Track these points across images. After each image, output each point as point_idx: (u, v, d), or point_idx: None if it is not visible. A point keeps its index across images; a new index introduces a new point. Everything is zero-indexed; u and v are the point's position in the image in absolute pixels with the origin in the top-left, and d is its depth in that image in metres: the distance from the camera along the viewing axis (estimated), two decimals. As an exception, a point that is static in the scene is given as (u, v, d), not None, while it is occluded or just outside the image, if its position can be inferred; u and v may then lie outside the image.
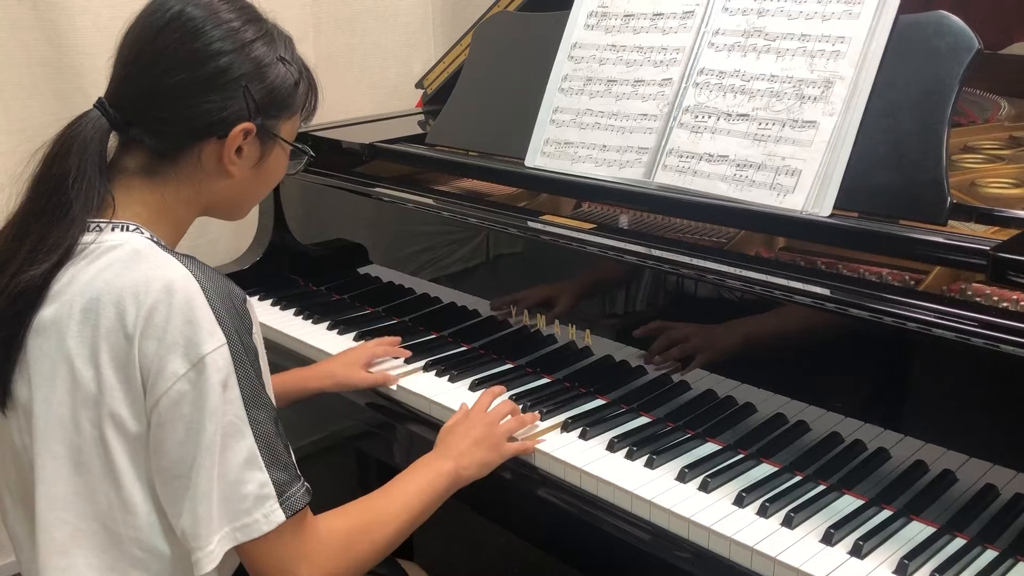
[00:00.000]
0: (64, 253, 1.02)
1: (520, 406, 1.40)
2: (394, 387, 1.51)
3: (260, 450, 1.01)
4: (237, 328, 1.02)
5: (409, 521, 1.16)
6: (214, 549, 1.00)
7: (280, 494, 1.02)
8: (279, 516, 1.01)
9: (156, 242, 1.06)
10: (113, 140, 1.10)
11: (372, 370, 1.55)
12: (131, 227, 1.06)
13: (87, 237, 1.03)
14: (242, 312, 1.04)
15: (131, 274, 1.00)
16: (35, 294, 1.01)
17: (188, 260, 1.04)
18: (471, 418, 1.33)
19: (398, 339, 1.63)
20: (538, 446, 1.30)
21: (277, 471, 1.02)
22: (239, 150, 1.10)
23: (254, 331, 1.06)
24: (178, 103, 1.06)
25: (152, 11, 1.08)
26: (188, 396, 0.98)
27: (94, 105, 1.08)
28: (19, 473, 1.08)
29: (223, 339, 1.00)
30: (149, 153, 1.08)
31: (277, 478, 1.02)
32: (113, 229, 1.05)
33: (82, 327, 1.00)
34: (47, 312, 1.02)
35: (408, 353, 1.59)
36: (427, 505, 1.19)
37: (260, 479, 1.01)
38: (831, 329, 1.20)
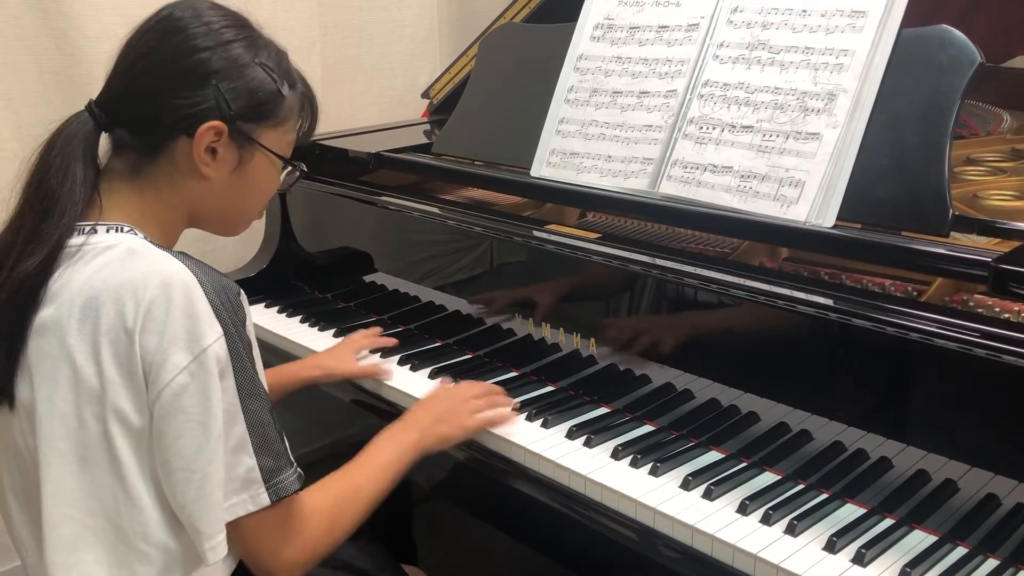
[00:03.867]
0: (56, 244, 1.04)
1: (524, 413, 1.41)
2: (387, 381, 1.55)
3: (251, 437, 1.05)
4: (233, 320, 1.05)
5: (381, 491, 1.22)
6: (224, 531, 1.04)
7: (267, 480, 1.06)
8: (264, 499, 1.06)
9: (150, 242, 1.08)
10: (107, 145, 1.13)
11: (361, 362, 1.59)
12: (125, 228, 1.08)
13: (81, 238, 1.05)
14: (236, 305, 1.07)
15: (128, 271, 1.02)
16: (33, 290, 1.03)
17: (183, 256, 1.06)
18: (440, 393, 1.40)
19: (379, 329, 1.67)
20: (544, 453, 1.31)
21: (266, 458, 1.06)
22: (214, 152, 1.11)
23: (247, 323, 1.09)
24: (152, 99, 1.09)
25: (147, 17, 1.12)
26: (190, 388, 1.00)
27: (85, 107, 1.12)
28: (23, 475, 1.09)
29: (221, 331, 1.02)
30: (133, 153, 1.11)
31: (265, 464, 1.06)
32: (108, 231, 1.07)
33: (82, 325, 1.02)
34: (46, 313, 1.03)
35: (395, 342, 1.63)
36: (396, 475, 1.25)
37: (248, 464, 1.05)
38: (834, 339, 1.21)
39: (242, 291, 1.10)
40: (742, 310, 1.29)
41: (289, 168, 1.22)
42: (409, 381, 1.56)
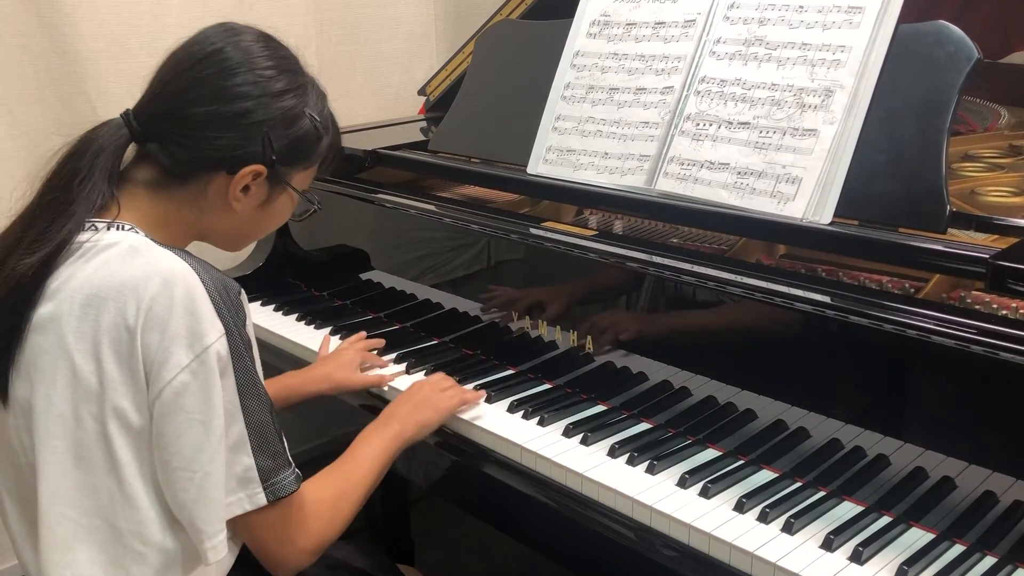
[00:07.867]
0: (58, 246, 1.04)
1: (522, 411, 1.41)
2: (386, 388, 1.54)
3: (250, 436, 1.06)
4: (234, 319, 1.05)
5: (373, 481, 1.26)
6: (225, 530, 1.04)
7: (264, 480, 1.07)
8: (261, 499, 1.07)
9: (151, 240, 1.08)
10: (130, 151, 1.13)
11: (367, 372, 1.58)
12: (127, 227, 1.08)
13: (83, 236, 1.06)
14: (237, 304, 1.07)
15: (129, 269, 1.02)
16: (31, 286, 1.03)
17: (184, 253, 1.07)
18: (413, 386, 1.43)
19: (363, 333, 1.68)
20: (541, 451, 1.31)
21: (263, 458, 1.07)
22: (246, 188, 1.12)
23: (248, 322, 1.09)
24: (197, 132, 1.09)
25: (196, 41, 1.12)
26: (191, 387, 1.00)
27: (120, 115, 1.12)
28: (17, 472, 1.09)
29: (222, 330, 1.03)
30: (160, 170, 1.12)
31: (262, 464, 1.07)
32: (109, 228, 1.07)
33: (82, 323, 1.02)
34: (45, 309, 1.03)
35: (382, 342, 1.65)
36: (383, 467, 1.29)
37: (246, 463, 1.06)
38: (831, 336, 1.20)
39: (242, 290, 1.10)
40: (739, 307, 1.28)
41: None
42: (408, 381, 1.55)
